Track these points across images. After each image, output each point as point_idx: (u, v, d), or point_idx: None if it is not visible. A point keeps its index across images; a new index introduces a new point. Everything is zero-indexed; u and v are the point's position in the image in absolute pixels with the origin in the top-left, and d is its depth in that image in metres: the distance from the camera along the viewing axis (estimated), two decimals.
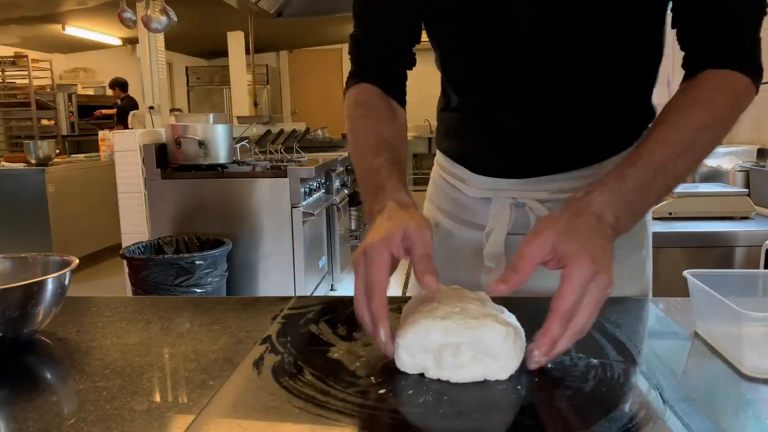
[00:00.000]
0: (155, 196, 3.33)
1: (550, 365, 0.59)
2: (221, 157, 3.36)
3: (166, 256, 3.03)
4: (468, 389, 0.55)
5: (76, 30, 7.76)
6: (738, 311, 0.56)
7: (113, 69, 9.12)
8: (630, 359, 0.61)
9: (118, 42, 8.77)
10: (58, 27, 7.56)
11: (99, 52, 9.31)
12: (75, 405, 0.54)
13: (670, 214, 1.85)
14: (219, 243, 3.12)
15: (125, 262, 2.98)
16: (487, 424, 0.49)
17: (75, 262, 0.73)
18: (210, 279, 2.94)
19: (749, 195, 1.88)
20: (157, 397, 0.55)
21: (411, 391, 0.55)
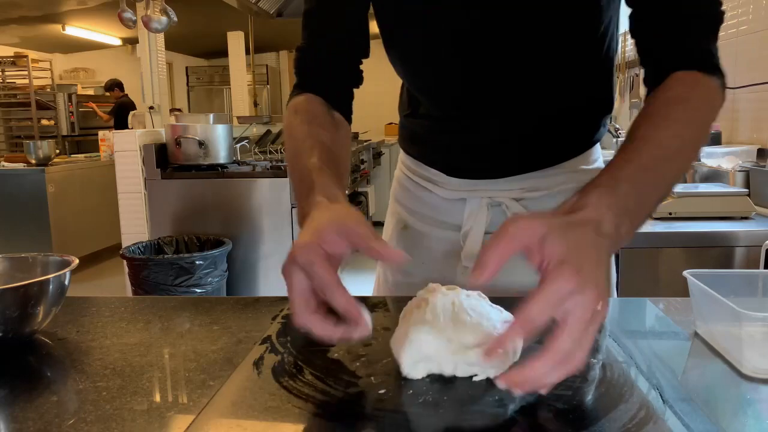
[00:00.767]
0: (155, 196, 3.33)
1: None
2: (221, 157, 3.36)
3: (166, 256, 3.04)
4: (468, 389, 0.55)
5: (76, 30, 7.77)
6: (738, 311, 0.56)
7: (113, 69, 9.14)
8: (630, 359, 0.61)
9: (118, 42, 8.78)
10: (58, 27, 7.57)
11: (99, 52, 9.32)
12: (75, 405, 0.54)
13: (670, 214, 1.85)
14: (219, 243, 3.13)
15: (125, 262, 2.98)
16: (487, 423, 0.49)
17: (75, 262, 0.73)
18: (210, 279, 2.95)
19: (749, 195, 1.88)
20: (157, 397, 0.55)
21: (411, 391, 0.54)
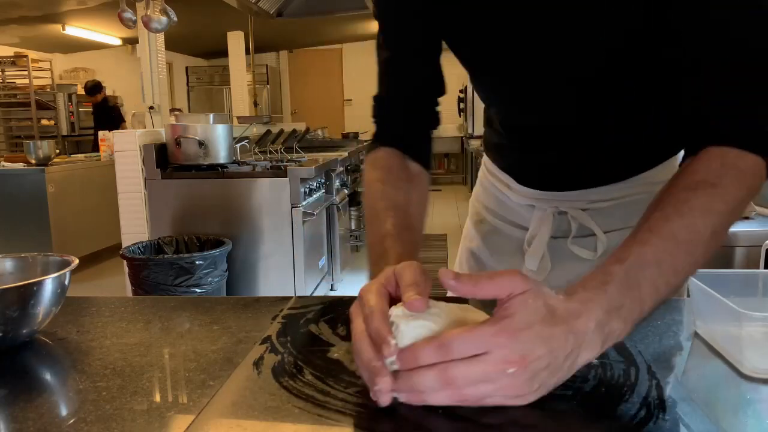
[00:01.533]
0: (155, 196, 3.33)
1: None
2: (221, 157, 3.36)
3: (166, 256, 3.04)
4: None
5: (76, 30, 7.77)
6: (738, 311, 0.56)
7: (113, 69, 9.14)
8: (630, 359, 0.61)
9: (118, 42, 8.78)
10: (58, 27, 7.57)
11: (99, 52, 9.32)
12: (75, 405, 0.54)
13: None
14: (219, 243, 3.12)
15: (125, 262, 2.98)
16: (487, 424, 0.49)
17: (75, 262, 0.74)
18: (210, 279, 2.94)
19: None
20: (157, 397, 0.55)
21: None
